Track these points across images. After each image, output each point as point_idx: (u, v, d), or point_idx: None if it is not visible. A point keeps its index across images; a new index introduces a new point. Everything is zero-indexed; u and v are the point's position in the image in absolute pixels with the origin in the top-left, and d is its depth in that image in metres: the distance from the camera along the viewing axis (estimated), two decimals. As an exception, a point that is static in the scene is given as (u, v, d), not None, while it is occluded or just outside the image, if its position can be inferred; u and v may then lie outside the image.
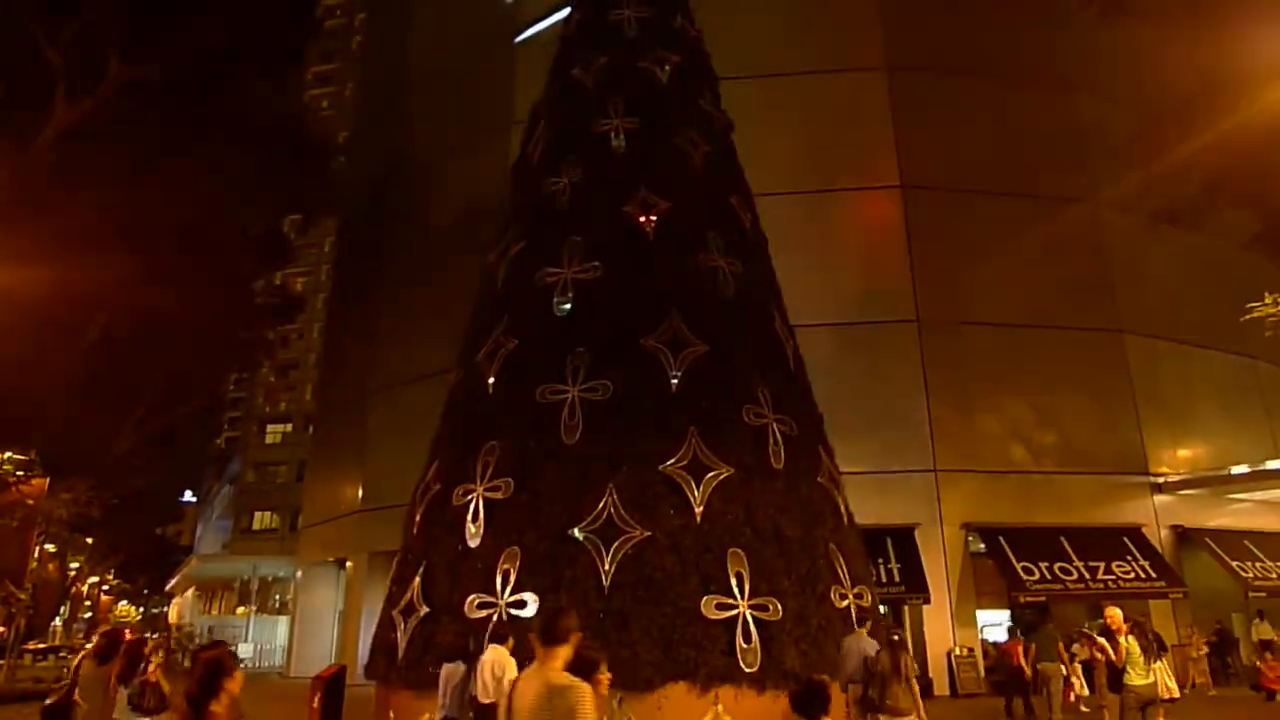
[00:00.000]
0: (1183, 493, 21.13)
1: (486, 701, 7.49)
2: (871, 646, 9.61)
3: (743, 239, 12.97)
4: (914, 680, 9.50)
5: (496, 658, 7.93)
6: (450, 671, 8.49)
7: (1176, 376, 22.50)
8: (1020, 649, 14.60)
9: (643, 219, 12.13)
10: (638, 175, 12.50)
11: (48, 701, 7.45)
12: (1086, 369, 21.49)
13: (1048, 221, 22.09)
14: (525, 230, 12.90)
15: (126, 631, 8.51)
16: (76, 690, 7.38)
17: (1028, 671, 14.10)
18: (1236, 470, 20.30)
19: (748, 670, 9.42)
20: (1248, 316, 16.10)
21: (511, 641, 8.33)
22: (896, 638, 9.97)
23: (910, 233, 21.56)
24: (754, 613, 9.73)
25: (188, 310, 25.16)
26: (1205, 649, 18.70)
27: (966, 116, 22.63)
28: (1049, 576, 18.54)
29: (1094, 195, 22.80)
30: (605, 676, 4.38)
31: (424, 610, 10.63)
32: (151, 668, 7.60)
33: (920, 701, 9.28)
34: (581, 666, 4.14)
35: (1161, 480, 21.09)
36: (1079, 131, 23.30)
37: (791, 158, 21.35)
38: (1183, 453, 22.01)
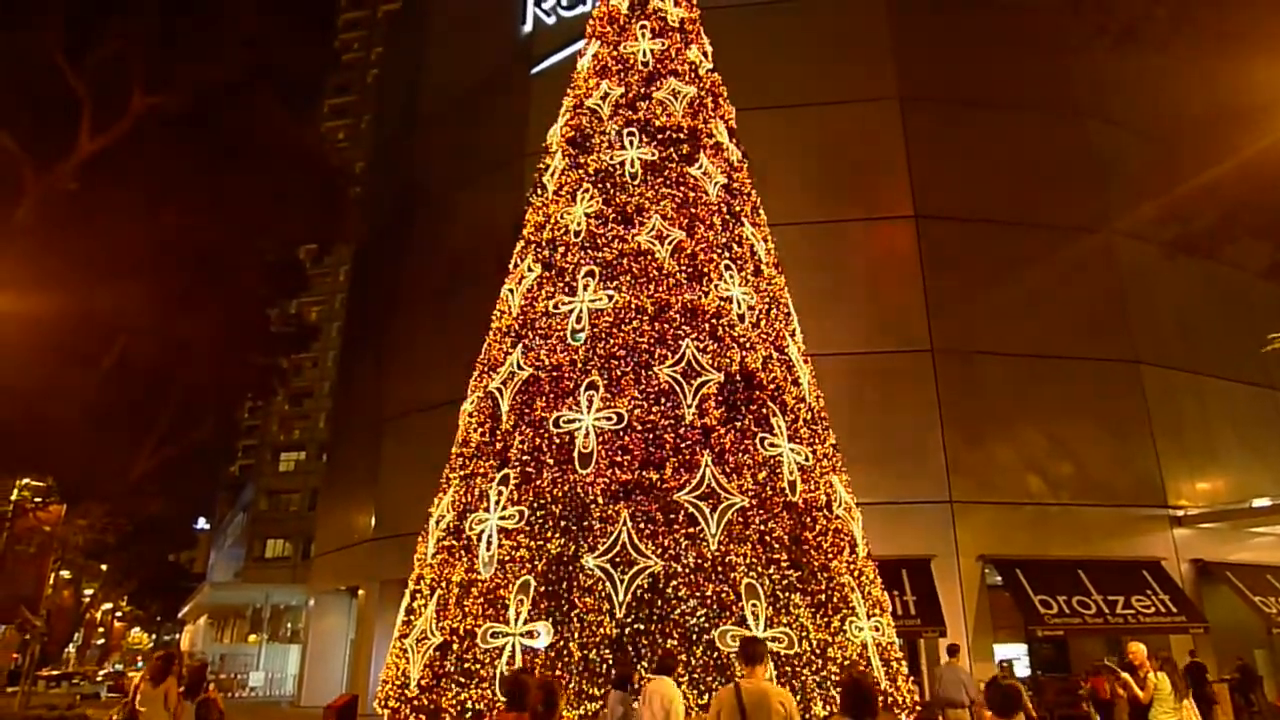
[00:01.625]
0: (1203, 526, 20.84)
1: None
2: (965, 674, 9.72)
3: (757, 269, 13.01)
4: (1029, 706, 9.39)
5: (664, 689, 8.00)
6: (618, 699, 8.58)
7: (1194, 408, 22.29)
8: (1106, 684, 14.27)
9: (657, 249, 12.19)
10: (652, 206, 12.58)
11: (114, 716, 9.12)
12: (1103, 400, 21.33)
13: (1063, 251, 22.09)
14: (539, 259, 12.98)
15: (186, 658, 9.70)
16: (136, 702, 8.76)
17: (1123, 695, 13.51)
18: (1258, 503, 20.02)
19: (763, 704, 9.29)
20: (1268, 348, 16.00)
21: (680, 670, 8.51)
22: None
23: (924, 262, 21.57)
24: (770, 644, 9.62)
25: (203, 337, 25.41)
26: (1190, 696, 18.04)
27: (980, 146, 22.72)
28: (1067, 610, 18.27)
29: (1109, 224, 22.79)
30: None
31: (436, 640, 10.57)
32: (211, 688, 9.27)
33: None
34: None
35: (1181, 513, 20.82)
36: (1094, 160, 23.35)
37: (806, 188, 21.48)
38: (1202, 485, 21.74)
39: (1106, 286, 22.40)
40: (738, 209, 13.40)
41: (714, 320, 11.81)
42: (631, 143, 13.24)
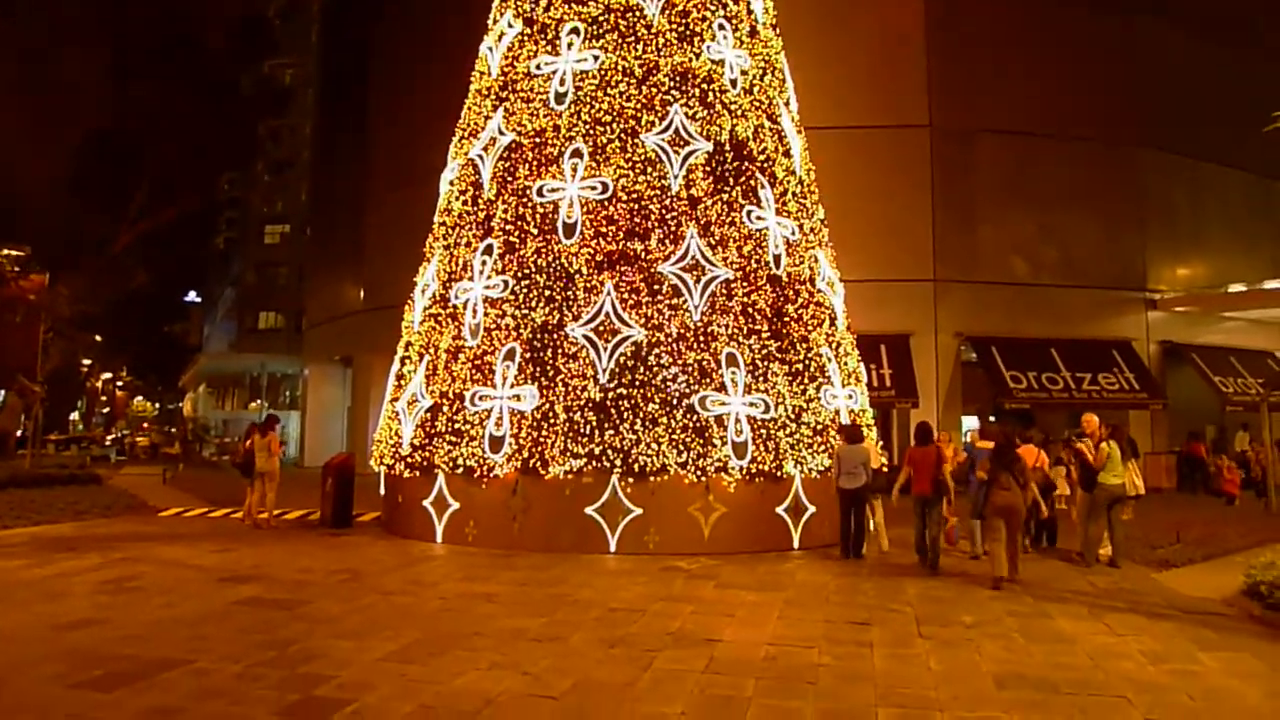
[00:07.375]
0: (1177, 309, 21.28)
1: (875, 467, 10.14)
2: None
3: (753, 30, 12.24)
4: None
5: (869, 445, 10.38)
6: (846, 451, 9.89)
7: (1188, 193, 22.07)
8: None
9: (646, 5, 11.39)
10: (642, -45, 11.60)
11: (238, 456, 12.87)
12: (1097, 182, 21.04)
13: (1075, 25, 20.89)
14: (520, 14, 12.14)
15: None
16: (254, 446, 12.30)
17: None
18: (1234, 288, 20.33)
19: (738, 462, 9.83)
20: (1270, 127, 15.51)
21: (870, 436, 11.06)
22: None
23: (929, 32, 20.39)
24: (748, 409, 10.02)
25: (172, 102, 24.29)
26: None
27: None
28: (1035, 385, 19.04)
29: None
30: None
31: (427, 402, 10.94)
32: (246, 443, 12.62)
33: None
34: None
35: (1158, 297, 21.18)
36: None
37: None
38: (1183, 271, 21.96)
39: (1117, 66, 21.35)
40: (734, -38, 12.38)
41: (705, 85, 11.27)
42: (620, -120, 11.96)
